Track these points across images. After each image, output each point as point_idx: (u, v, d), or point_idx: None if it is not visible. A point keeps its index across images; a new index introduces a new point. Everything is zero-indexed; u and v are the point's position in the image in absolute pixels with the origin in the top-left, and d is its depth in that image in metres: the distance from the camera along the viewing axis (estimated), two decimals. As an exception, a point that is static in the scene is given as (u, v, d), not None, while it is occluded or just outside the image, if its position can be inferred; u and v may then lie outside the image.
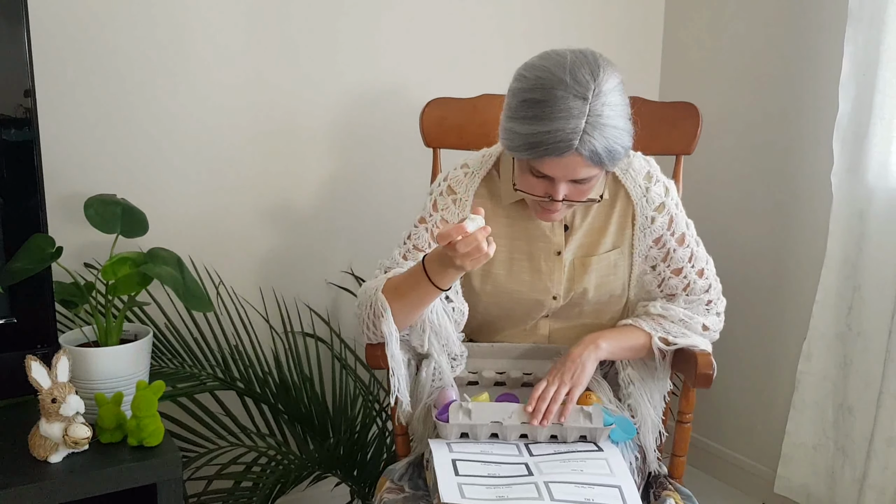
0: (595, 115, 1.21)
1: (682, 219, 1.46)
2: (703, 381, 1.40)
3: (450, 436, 1.34)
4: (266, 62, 1.89)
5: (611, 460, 1.30)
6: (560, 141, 1.21)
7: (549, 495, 1.19)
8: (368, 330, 1.38)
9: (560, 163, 1.25)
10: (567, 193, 1.30)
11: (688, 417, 1.51)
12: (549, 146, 1.22)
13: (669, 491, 1.41)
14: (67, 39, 1.69)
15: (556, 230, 1.44)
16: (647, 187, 1.43)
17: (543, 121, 1.22)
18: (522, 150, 1.26)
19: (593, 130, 1.22)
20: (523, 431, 1.34)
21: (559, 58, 1.25)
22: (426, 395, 1.43)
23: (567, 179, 1.28)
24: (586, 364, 1.38)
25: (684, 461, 1.52)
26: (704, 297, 1.47)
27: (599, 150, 1.23)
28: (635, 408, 1.47)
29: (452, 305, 1.41)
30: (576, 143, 1.22)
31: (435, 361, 1.41)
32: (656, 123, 1.64)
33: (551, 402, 1.33)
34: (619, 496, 1.22)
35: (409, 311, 1.34)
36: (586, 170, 1.26)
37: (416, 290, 1.30)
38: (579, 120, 1.21)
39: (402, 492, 1.37)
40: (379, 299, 1.33)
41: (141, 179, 1.80)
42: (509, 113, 1.28)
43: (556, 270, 1.44)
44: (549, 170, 1.27)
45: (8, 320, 1.39)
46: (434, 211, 1.45)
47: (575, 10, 2.23)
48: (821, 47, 1.99)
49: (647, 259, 1.46)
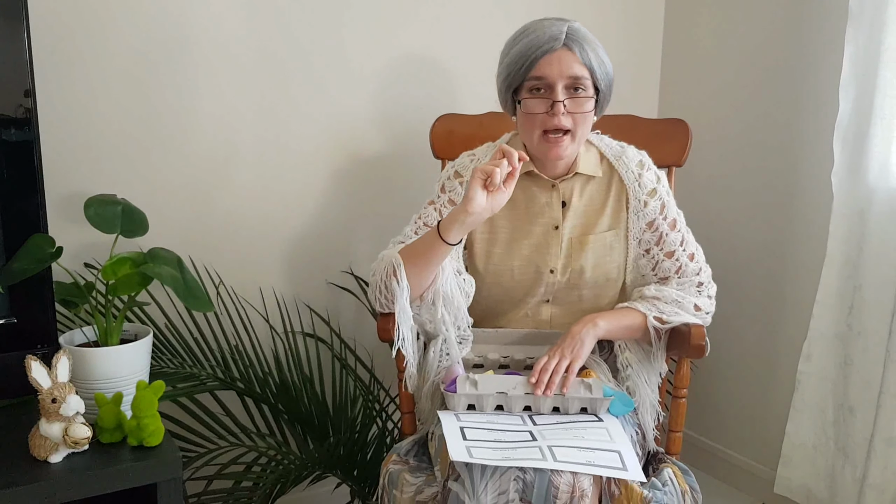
0: (574, 31, 1.44)
1: (673, 206, 1.57)
2: (695, 351, 1.47)
3: (457, 407, 1.41)
4: (270, 62, 1.89)
5: (611, 429, 1.36)
6: (548, 39, 1.42)
7: (553, 457, 1.25)
8: (381, 294, 1.45)
9: (553, 58, 1.42)
10: (567, 106, 1.43)
11: (682, 392, 1.58)
12: (539, 46, 1.42)
13: (667, 464, 1.46)
14: (67, 39, 1.69)
15: (555, 205, 1.55)
16: (639, 173, 1.55)
17: (530, 36, 1.44)
18: (518, 65, 1.44)
19: (575, 35, 1.44)
20: (527, 402, 1.41)
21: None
22: (433, 373, 1.52)
23: (563, 77, 1.43)
24: (585, 340, 1.46)
25: (681, 436, 1.59)
26: (695, 279, 1.56)
27: (587, 51, 1.43)
28: (633, 389, 1.54)
29: (463, 277, 1.50)
30: (562, 39, 1.42)
31: (443, 336, 1.49)
32: (650, 138, 1.77)
33: (553, 373, 1.41)
34: (618, 460, 1.28)
35: (422, 270, 1.41)
36: (578, 67, 1.43)
37: (427, 247, 1.40)
38: (561, 27, 1.44)
39: (407, 464, 1.45)
40: (394, 257, 1.42)
41: (141, 179, 1.81)
42: (502, 57, 1.49)
43: (553, 244, 1.54)
44: (545, 69, 1.43)
45: (8, 320, 1.39)
46: (441, 193, 1.58)
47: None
48: (821, 47, 1.99)
49: (641, 243, 1.56)
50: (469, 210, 1.33)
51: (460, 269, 1.52)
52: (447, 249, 1.39)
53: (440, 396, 1.50)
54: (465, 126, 1.82)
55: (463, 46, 2.10)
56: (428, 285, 1.44)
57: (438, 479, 1.35)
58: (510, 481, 1.23)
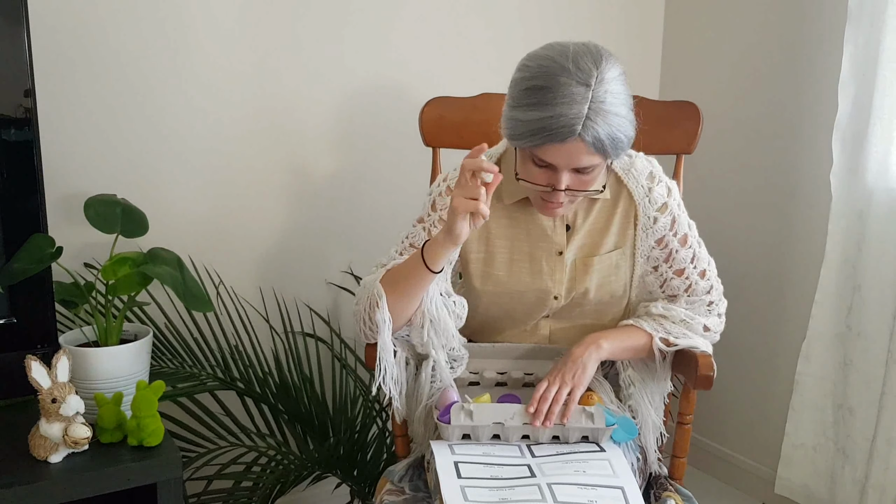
0: (598, 102, 1.21)
1: (684, 220, 1.45)
2: (703, 382, 1.40)
3: (451, 437, 1.34)
4: (266, 63, 1.89)
5: (613, 461, 1.29)
6: (563, 126, 1.21)
7: (553, 497, 1.19)
8: (365, 325, 1.38)
9: (562, 149, 1.24)
10: (569, 184, 1.29)
11: (688, 419, 1.51)
12: (551, 132, 1.22)
13: (670, 492, 1.41)
14: (67, 39, 1.69)
15: (558, 230, 1.44)
16: (649, 187, 1.42)
17: (546, 106, 1.22)
18: (525, 138, 1.25)
19: (596, 116, 1.21)
20: (525, 432, 1.34)
21: (562, 48, 1.25)
22: (426, 396, 1.42)
23: (569, 167, 1.27)
24: (587, 364, 1.37)
25: (685, 462, 1.52)
26: (706, 297, 1.47)
27: (602, 137, 1.22)
28: (636, 409, 1.46)
29: (453, 300, 1.40)
30: (578, 129, 1.21)
31: (433, 359, 1.39)
32: (657, 123, 1.62)
33: (553, 402, 1.32)
34: (622, 497, 1.22)
35: (405, 299, 1.34)
36: (588, 157, 1.26)
37: (410, 274, 1.32)
38: (582, 106, 1.21)
39: (403, 493, 1.37)
40: (376, 288, 1.34)
41: (141, 179, 1.81)
42: (512, 102, 1.28)
43: (557, 270, 1.44)
44: (552, 157, 1.26)
45: (8, 320, 1.39)
46: (432, 211, 1.45)
47: (574, 10, 2.23)
48: (821, 47, 1.99)
49: (648, 260, 1.45)
50: (456, 244, 1.27)
51: (449, 290, 1.40)
52: (431, 277, 1.31)
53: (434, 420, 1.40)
54: (456, 110, 1.69)
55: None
56: (413, 311, 1.36)
57: None
58: None
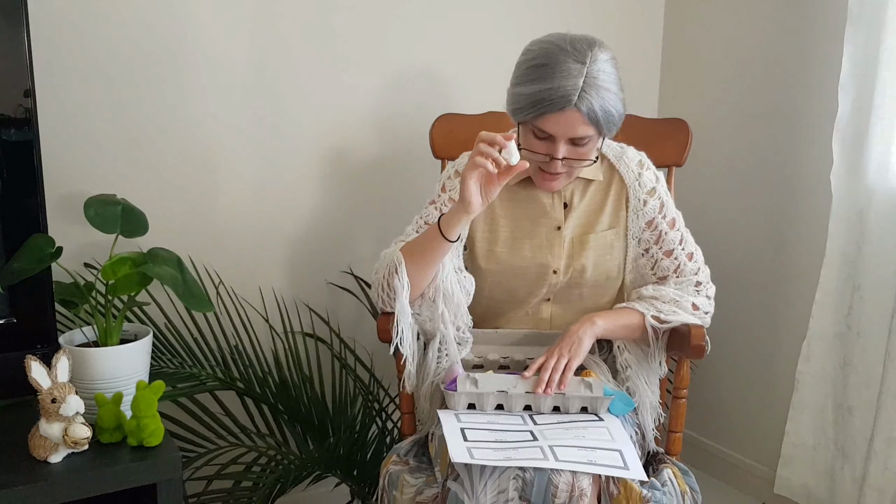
0: (592, 77, 1.37)
1: (672, 205, 1.59)
2: (695, 352, 1.47)
3: (457, 406, 1.41)
4: (269, 63, 1.89)
5: (611, 428, 1.37)
6: (561, 97, 1.37)
7: (554, 456, 1.25)
8: (384, 292, 1.46)
9: (560, 119, 1.39)
10: (566, 154, 1.42)
11: (683, 392, 1.59)
12: (551, 101, 1.37)
13: (667, 464, 1.47)
14: (67, 40, 1.69)
15: (557, 207, 1.56)
16: (639, 173, 1.57)
17: (546, 80, 1.38)
18: (527, 110, 1.41)
19: (590, 89, 1.37)
20: (528, 402, 1.42)
21: (561, 34, 1.43)
22: (432, 373, 1.52)
23: (566, 137, 1.41)
24: (583, 339, 1.47)
25: (681, 437, 1.59)
26: (693, 278, 1.57)
27: (596, 108, 1.38)
28: (633, 390, 1.55)
29: (464, 275, 1.51)
30: (574, 99, 1.37)
31: (442, 335, 1.49)
32: (651, 138, 1.77)
33: (552, 371, 1.42)
34: (620, 459, 1.28)
35: (422, 267, 1.43)
36: (584, 128, 1.40)
37: (427, 243, 1.42)
38: (578, 79, 1.36)
39: (407, 464, 1.46)
40: (396, 255, 1.44)
41: (141, 179, 1.81)
42: (516, 81, 1.44)
43: (556, 245, 1.55)
44: (551, 127, 1.40)
45: (8, 320, 1.39)
46: (442, 192, 1.58)
47: (577, 21, 2.23)
48: (821, 47, 1.99)
49: (640, 242, 1.58)
50: (469, 211, 1.36)
51: (460, 266, 1.53)
52: (448, 246, 1.41)
53: (439, 397, 1.51)
54: (464, 126, 1.82)
55: (463, 47, 2.10)
56: (429, 282, 1.46)
57: (439, 479, 1.35)
58: (509, 480, 1.24)
